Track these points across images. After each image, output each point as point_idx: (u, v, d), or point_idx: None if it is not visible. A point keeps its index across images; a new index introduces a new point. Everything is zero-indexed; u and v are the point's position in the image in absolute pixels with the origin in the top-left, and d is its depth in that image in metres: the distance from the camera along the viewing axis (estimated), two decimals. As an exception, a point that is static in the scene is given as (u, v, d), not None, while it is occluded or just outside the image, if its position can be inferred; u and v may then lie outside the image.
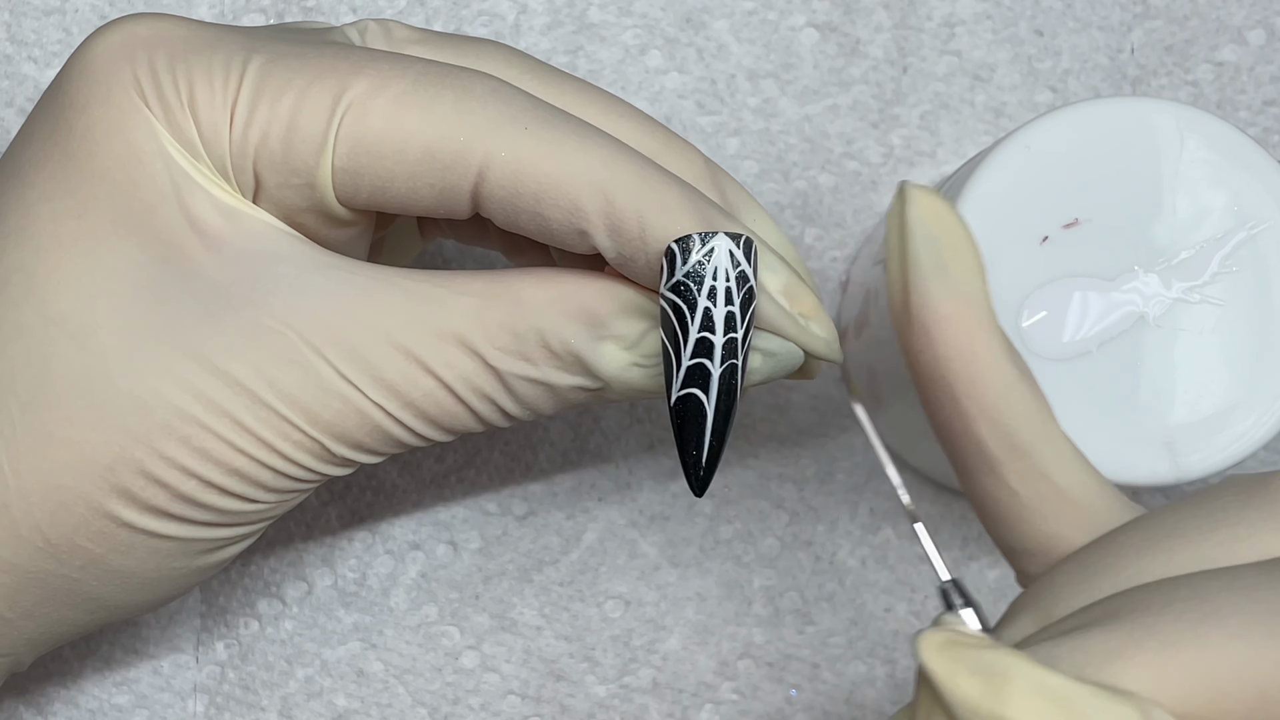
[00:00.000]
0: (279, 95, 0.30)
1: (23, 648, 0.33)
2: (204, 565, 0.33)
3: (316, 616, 0.41)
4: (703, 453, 0.30)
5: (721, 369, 0.30)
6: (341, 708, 0.41)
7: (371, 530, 0.42)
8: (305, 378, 0.30)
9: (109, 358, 0.30)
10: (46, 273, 0.31)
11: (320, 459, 0.31)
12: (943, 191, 0.35)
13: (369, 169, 0.30)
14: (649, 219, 0.30)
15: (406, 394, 0.31)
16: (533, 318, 0.31)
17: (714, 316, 0.30)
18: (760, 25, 0.42)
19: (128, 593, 0.32)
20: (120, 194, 0.30)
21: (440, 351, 0.31)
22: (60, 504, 0.31)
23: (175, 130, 0.30)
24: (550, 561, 0.42)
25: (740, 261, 0.30)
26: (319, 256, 0.31)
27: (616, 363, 0.31)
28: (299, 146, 0.30)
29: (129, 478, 0.30)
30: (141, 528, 0.31)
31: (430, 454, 0.42)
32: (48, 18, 0.42)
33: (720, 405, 0.30)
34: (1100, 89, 0.42)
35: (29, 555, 0.31)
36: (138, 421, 0.30)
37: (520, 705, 0.41)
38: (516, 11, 0.42)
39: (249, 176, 0.31)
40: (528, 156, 0.30)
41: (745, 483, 0.42)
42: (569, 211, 0.30)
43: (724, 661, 0.41)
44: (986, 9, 0.42)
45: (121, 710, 0.41)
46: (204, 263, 0.31)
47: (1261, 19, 0.43)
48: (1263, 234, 0.33)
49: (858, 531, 0.42)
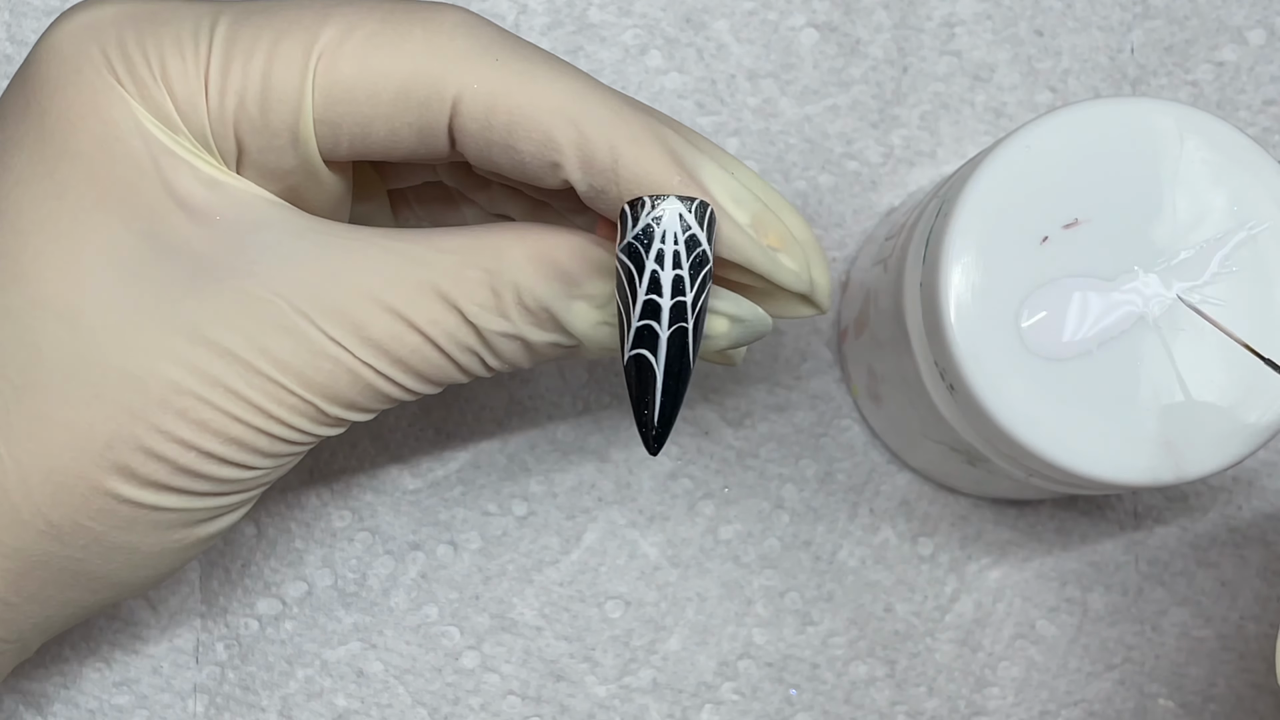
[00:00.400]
0: (249, 56, 0.30)
1: (29, 632, 0.33)
2: (203, 535, 0.33)
3: (316, 616, 0.41)
4: (654, 411, 0.30)
5: (670, 331, 0.30)
6: (341, 708, 0.41)
7: (371, 530, 0.42)
8: (296, 343, 0.31)
9: (100, 336, 0.30)
10: (31, 256, 0.31)
11: (314, 420, 0.32)
12: (942, 192, 0.35)
13: (347, 116, 0.31)
14: (621, 149, 0.30)
15: (394, 351, 0.31)
16: (510, 274, 0.31)
17: (660, 279, 0.30)
18: (760, 25, 0.42)
19: (130, 569, 0.32)
20: (100, 173, 0.30)
21: (424, 308, 0.31)
22: (60, 485, 0.31)
23: (151, 105, 0.30)
24: (550, 562, 0.41)
25: (691, 225, 0.30)
26: (302, 222, 0.31)
27: (587, 321, 0.32)
28: (276, 105, 0.30)
29: (128, 454, 0.30)
30: (142, 502, 0.31)
31: (430, 454, 0.42)
32: (48, 18, 0.42)
33: (671, 366, 0.30)
34: (1100, 89, 0.42)
35: (32, 539, 0.31)
36: (133, 398, 0.30)
37: (520, 705, 0.41)
38: (516, 11, 0.42)
39: (230, 143, 0.31)
40: (499, 87, 0.30)
41: (745, 483, 0.42)
42: (541, 143, 0.30)
43: (724, 662, 0.41)
44: (986, 9, 0.42)
45: (121, 710, 0.41)
46: (189, 236, 0.31)
47: (1261, 19, 0.43)
48: (1262, 234, 0.33)
49: (858, 531, 0.42)
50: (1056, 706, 0.42)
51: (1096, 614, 0.42)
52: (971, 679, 0.41)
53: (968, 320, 0.33)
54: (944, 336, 0.33)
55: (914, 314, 0.35)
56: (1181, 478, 0.33)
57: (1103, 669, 0.42)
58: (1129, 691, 0.42)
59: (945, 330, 0.33)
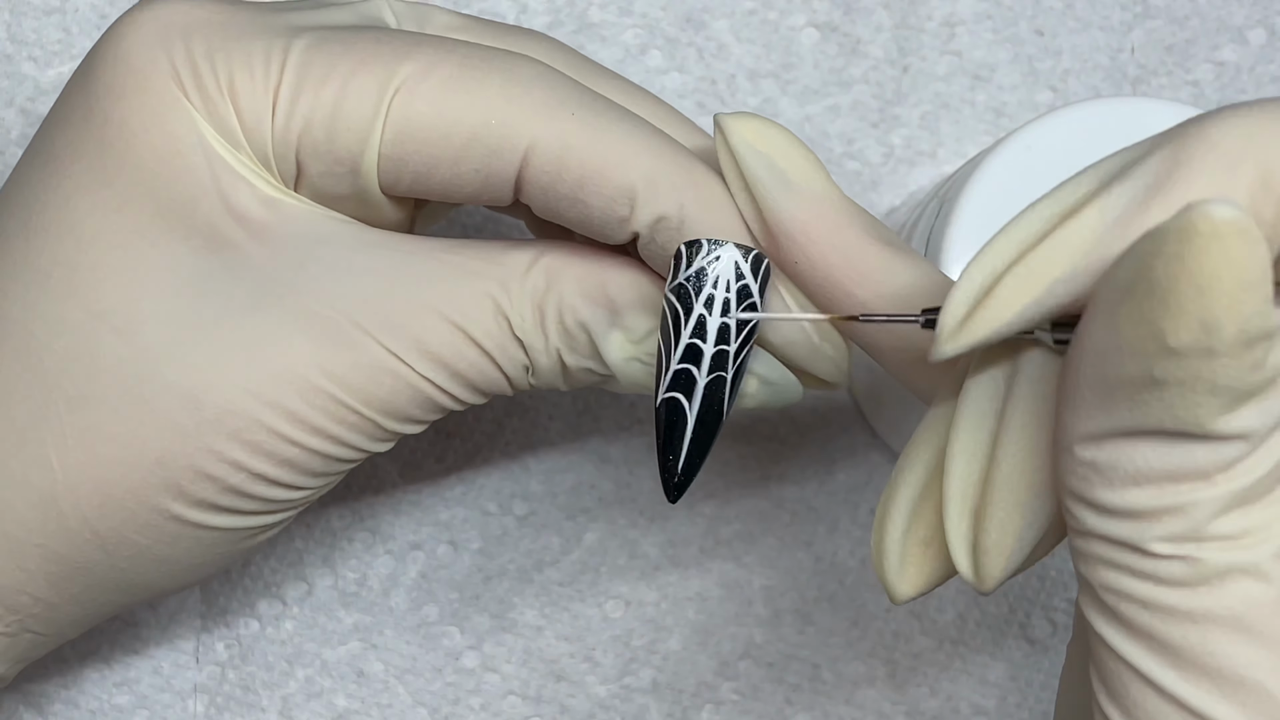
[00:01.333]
0: (323, 82, 0.30)
1: (67, 629, 0.33)
2: (244, 549, 0.33)
3: (317, 617, 0.41)
4: (679, 460, 0.30)
5: (708, 379, 0.30)
6: (341, 708, 0.41)
7: (371, 530, 0.42)
8: (356, 358, 0.31)
9: (156, 352, 0.30)
10: (89, 267, 0.30)
11: (369, 436, 0.31)
12: (943, 192, 0.35)
13: (414, 155, 0.30)
14: (690, 212, 0.30)
15: (453, 364, 0.31)
16: (557, 291, 0.31)
17: (707, 325, 0.29)
18: (760, 25, 0.42)
19: (170, 578, 0.33)
20: (161, 187, 0.30)
21: (481, 320, 0.31)
22: (109, 498, 0.31)
23: (215, 120, 0.30)
24: (551, 561, 0.41)
25: (745, 275, 0.29)
26: (360, 234, 0.31)
27: (621, 354, 0.31)
28: (344, 134, 0.30)
29: (178, 473, 0.30)
30: (190, 520, 0.31)
31: (430, 454, 0.42)
32: (48, 17, 0.42)
33: (703, 416, 0.30)
34: (1101, 89, 0.42)
35: (77, 547, 0.31)
36: (187, 417, 0.30)
37: (521, 705, 0.41)
38: (517, 11, 0.42)
39: (291, 165, 0.31)
40: (574, 141, 0.30)
41: (745, 483, 0.42)
42: (611, 199, 0.30)
43: (724, 662, 0.41)
44: (987, 9, 0.42)
45: (121, 710, 0.41)
46: (248, 252, 0.30)
47: (1262, 18, 0.43)
48: (1263, 234, 0.33)
49: (858, 531, 0.42)
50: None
51: (1097, 614, 0.42)
52: (971, 679, 0.41)
53: (968, 320, 0.33)
54: (944, 336, 0.33)
55: (914, 314, 0.35)
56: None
57: (1103, 669, 0.42)
58: (1129, 691, 0.42)
59: (945, 330, 0.33)
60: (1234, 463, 0.22)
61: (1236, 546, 0.23)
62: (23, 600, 0.32)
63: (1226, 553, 0.23)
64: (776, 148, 0.29)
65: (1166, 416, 0.22)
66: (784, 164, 0.29)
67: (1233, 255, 0.21)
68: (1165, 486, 0.23)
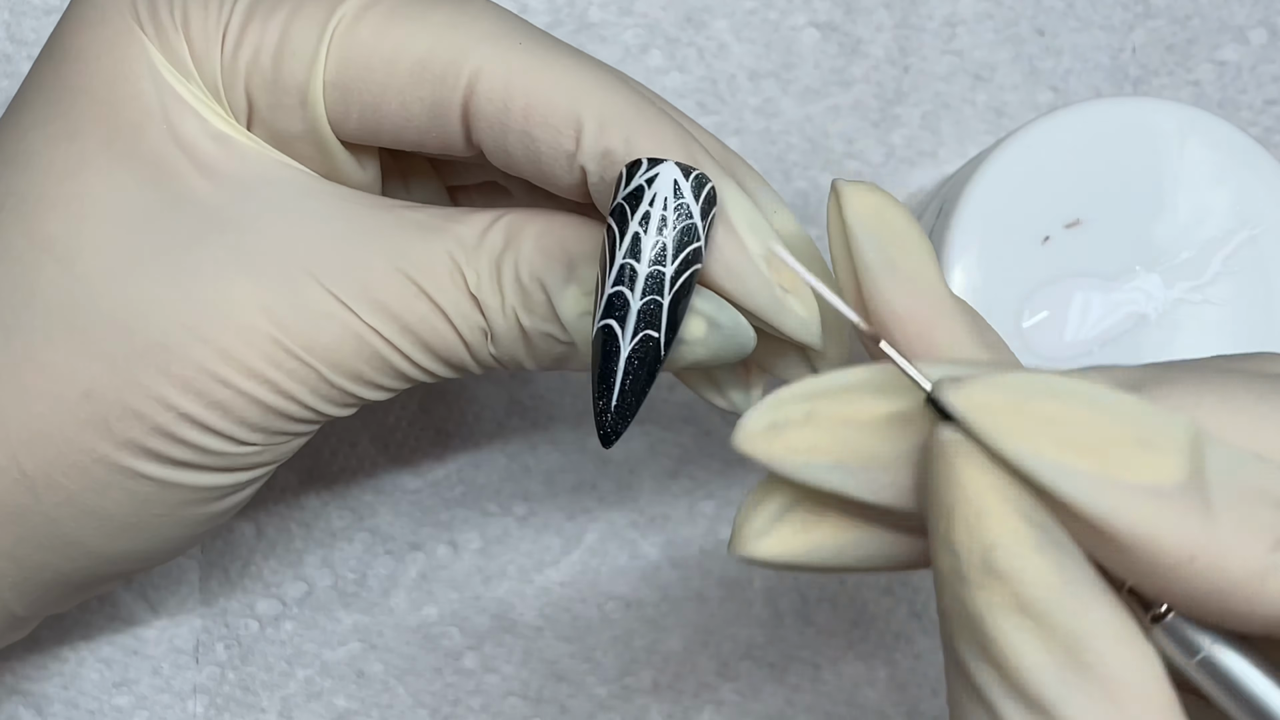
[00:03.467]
0: (271, 13, 0.30)
1: (9, 593, 0.32)
2: (189, 518, 0.32)
3: (316, 617, 0.41)
4: (611, 396, 0.28)
5: (642, 302, 0.28)
6: (341, 708, 0.41)
7: (371, 530, 0.42)
8: (298, 301, 0.30)
9: (93, 281, 0.30)
10: (37, 196, 0.30)
11: (315, 392, 0.30)
12: (944, 192, 0.35)
13: (360, 83, 0.30)
14: (637, 144, 0.29)
15: (402, 318, 0.30)
16: (514, 248, 0.30)
17: (641, 243, 0.28)
18: (761, 25, 0.42)
19: (107, 537, 0.31)
20: (109, 113, 0.30)
21: (434, 274, 0.30)
22: (37, 433, 0.30)
23: (167, 50, 0.30)
24: (551, 562, 0.41)
25: (685, 194, 0.28)
26: (312, 182, 0.31)
27: (575, 308, 0.30)
28: (289, 62, 0.30)
29: (106, 407, 0.30)
30: (117, 463, 0.30)
31: (430, 454, 0.42)
32: (48, 17, 0.42)
33: (638, 348, 0.28)
34: (1102, 89, 0.42)
35: (5, 487, 0.30)
36: (118, 348, 0.29)
37: (521, 706, 0.41)
38: (516, 10, 0.42)
39: (241, 97, 0.30)
40: (519, 68, 0.29)
41: (746, 483, 0.42)
42: (556, 130, 0.29)
43: (725, 662, 0.41)
44: (988, 8, 0.42)
45: (121, 711, 0.41)
46: (195, 186, 0.30)
47: (1263, 18, 0.43)
48: (1264, 234, 0.33)
49: (858, 532, 0.42)
50: (1057, 707, 0.41)
51: (1097, 614, 0.42)
52: (972, 679, 0.41)
53: (969, 320, 0.33)
54: (945, 336, 0.33)
55: (915, 314, 0.35)
56: (1183, 478, 0.33)
57: (1104, 669, 0.42)
58: (1130, 692, 0.42)
59: (946, 330, 0.33)
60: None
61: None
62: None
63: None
64: (890, 230, 0.27)
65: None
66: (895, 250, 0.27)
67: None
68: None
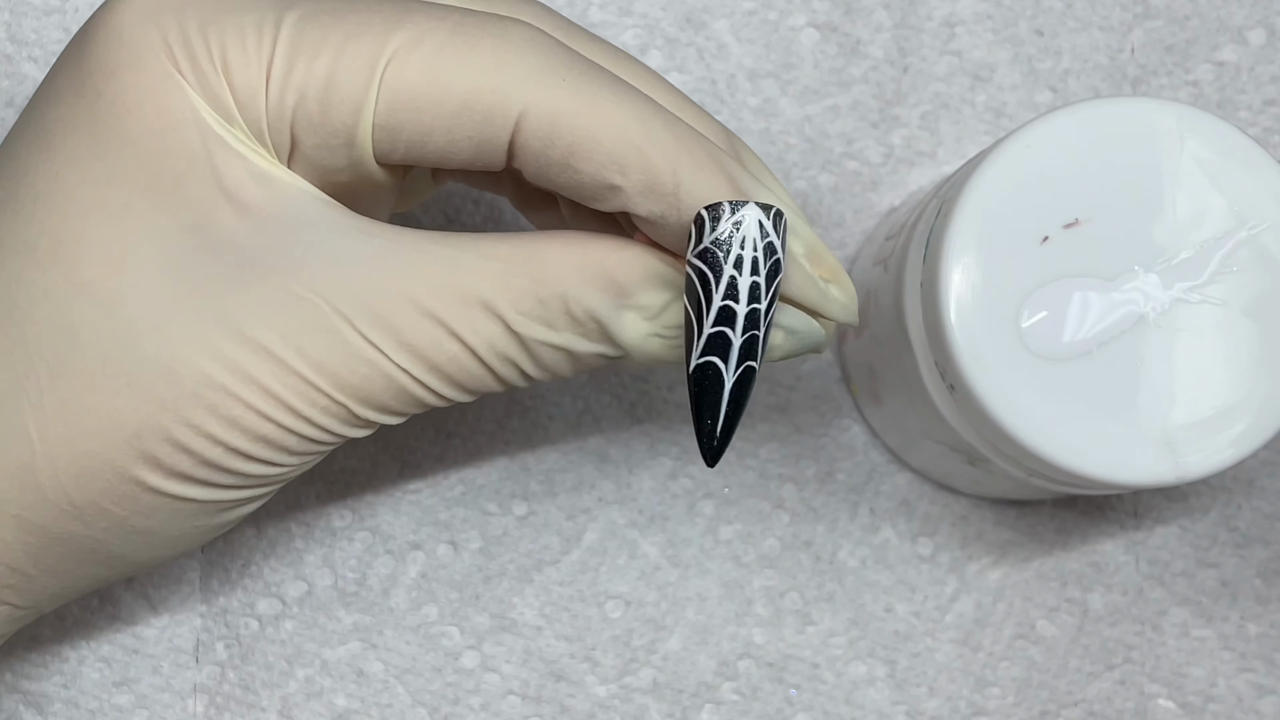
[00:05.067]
0: (316, 54, 0.30)
1: (45, 601, 0.33)
2: (221, 522, 0.33)
3: (316, 616, 0.41)
4: (718, 422, 0.30)
5: (743, 339, 0.30)
6: (341, 708, 0.41)
7: (371, 530, 0.42)
8: (332, 344, 0.31)
9: (137, 325, 0.30)
10: (75, 239, 0.30)
11: (344, 422, 0.32)
12: (943, 192, 0.35)
13: (408, 124, 0.30)
14: (683, 177, 0.30)
15: (431, 358, 0.31)
16: (557, 283, 0.31)
17: (739, 285, 0.30)
18: (760, 25, 0.42)
19: (148, 550, 0.33)
20: (152, 162, 0.30)
21: (465, 316, 0.31)
22: (86, 469, 0.31)
23: (209, 95, 0.30)
24: (550, 561, 0.41)
25: (769, 233, 0.30)
26: (347, 221, 0.31)
27: (638, 332, 0.31)
28: (338, 106, 0.30)
29: (155, 444, 0.30)
30: (166, 492, 0.31)
31: (430, 454, 0.42)
32: (48, 17, 0.42)
33: (740, 376, 0.30)
34: (1100, 89, 0.42)
35: (54, 517, 0.31)
36: (165, 389, 0.30)
37: (520, 705, 0.41)
38: (517, 11, 0.42)
39: (285, 138, 0.31)
40: (564, 108, 0.30)
41: (745, 483, 0.42)
42: (602, 165, 0.30)
43: (724, 662, 0.41)
44: (987, 9, 0.42)
45: (121, 710, 0.41)
46: (234, 230, 0.31)
47: (1262, 19, 0.43)
48: (1263, 234, 0.33)
49: (858, 531, 0.42)
50: (1057, 707, 0.42)
51: (1096, 614, 0.42)
52: (972, 679, 0.41)
53: (968, 320, 0.33)
54: (944, 336, 0.33)
55: (914, 314, 0.35)
56: (1181, 478, 0.33)
57: (1103, 669, 0.42)
58: (1129, 691, 0.42)
59: (945, 330, 0.33)
60: None
61: None
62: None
63: None
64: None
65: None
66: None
67: None
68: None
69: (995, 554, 0.42)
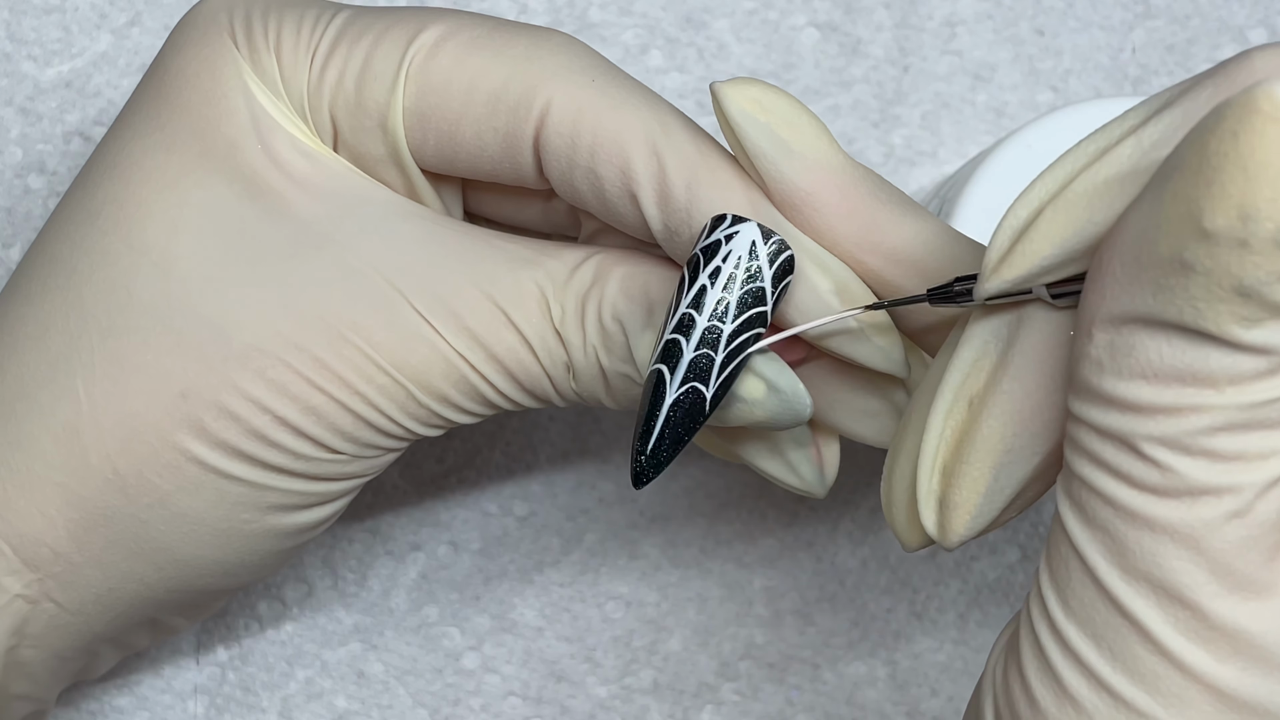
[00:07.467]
0: (357, 39, 0.31)
1: (92, 606, 0.33)
2: (276, 529, 0.32)
3: (317, 617, 0.41)
4: (648, 441, 0.29)
5: (695, 354, 0.28)
6: (341, 709, 0.41)
7: (371, 531, 0.42)
8: (390, 320, 0.31)
9: (190, 285, 0.31)
10: (135, 204, 0.31)
11: (404, 409, 0.31)
12: (944, 191, 0.35)
13: (437, 110, 0.31)
14: (698, 190, 0.30)
15: (490, 346, 0.31)
16: (601, 287, 0.31)
17: (705, 297, 0.28)
18: (761, 25, 0.42)
19: (196, 544, 0.32)
20: (206, 128, 0.31)
21: (523, 306, 0.31)
22: (132, 432, 0.31)
23: (259, 68, 0.31)
24: (551, 562, 0.41)
25: (759, 257, 0.28)
26: (405, 205, 0.32)
27: (649, 353, 0.30)
28: (371, 85, 0.31)
29: (201, 408, 0.31)
30: (210, 464, 0.31)
31: (430, 454, 0.42)
32: (47, 16, 0.42)
33: (681, 398, 0.28)
34: (1101, 89, 0.42)
35: (97, 487, 0.31)
36: (214, 349, 0.31)
37: (521, 706, 0.41)
38: (517, 11, 0.42)
39: (326, 120, 0.31)
40: (589, 106, 0.30)
41: (745, 483, 0.42)
42: (621, 170, 0.30)
43: (725, 662, 0.41)
44: (988, 9, 0.42)
45: (121, 711, 0.41)
46: (289, 198, 0.31)
47: (1263, 18, 0.43)
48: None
49: (858, 532, 0.42)
50: (1057, 707, 0.41)
51: (1098, 614, 0.42)
52: (972, 679, 0.41)
53: (969, 320, 0.33)
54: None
55: (915, 314, 0.35)
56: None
57: (1104, 669, 0.42)
58: (1130, 692, 0.42)
59: (947, 330, 0.33)
60: (1247, 378, 0.22)
61: (1223, 469, 0.22)
62: (42, 554, 0.32)
63: (1209, 472, 0.22)
64: (778, 114, 0.29)
65: (1188, 309, 0.21)
66: (786, 132, 0.29)
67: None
68: (1171, 385, 0.22)
69: (995, 554, 0.42)
